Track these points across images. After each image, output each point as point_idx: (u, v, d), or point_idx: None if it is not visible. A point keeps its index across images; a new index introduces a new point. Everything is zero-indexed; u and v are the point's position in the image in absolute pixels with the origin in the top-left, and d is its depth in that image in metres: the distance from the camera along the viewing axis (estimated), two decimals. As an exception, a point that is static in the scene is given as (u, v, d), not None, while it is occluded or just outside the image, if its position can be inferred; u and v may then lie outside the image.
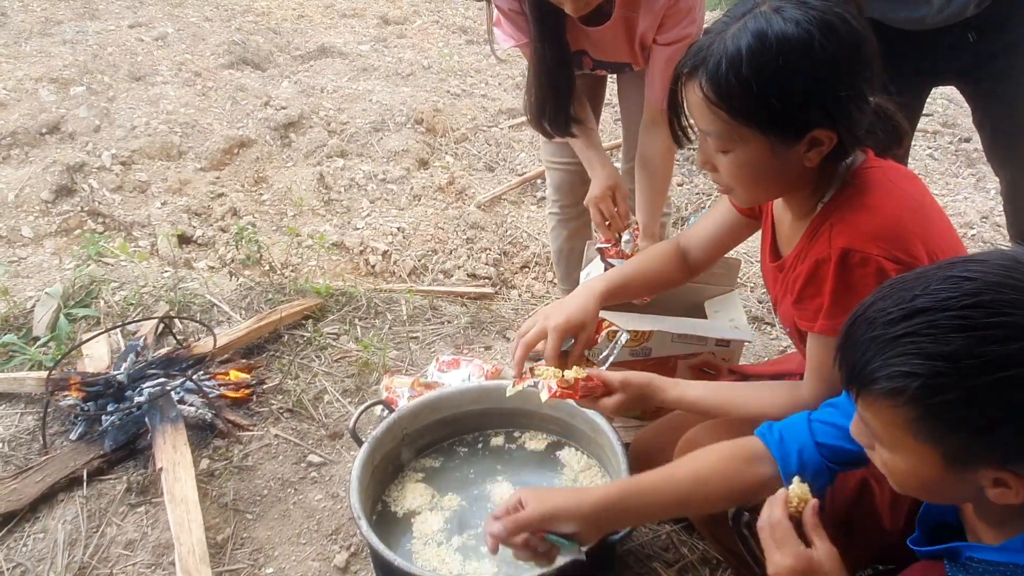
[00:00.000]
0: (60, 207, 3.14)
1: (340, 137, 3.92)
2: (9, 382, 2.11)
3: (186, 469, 1.79)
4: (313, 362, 2.28)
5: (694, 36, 1.74)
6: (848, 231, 1.11)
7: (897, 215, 1.12)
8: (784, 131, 1.09)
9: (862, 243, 1.09)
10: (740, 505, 1.20)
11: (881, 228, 1.10)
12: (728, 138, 1.11)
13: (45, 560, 1.66)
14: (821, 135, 1.09)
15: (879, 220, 1.11)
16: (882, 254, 1.08)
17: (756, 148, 1.11)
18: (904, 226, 1.11)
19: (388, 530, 1.60)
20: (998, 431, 0.76)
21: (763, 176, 1.16)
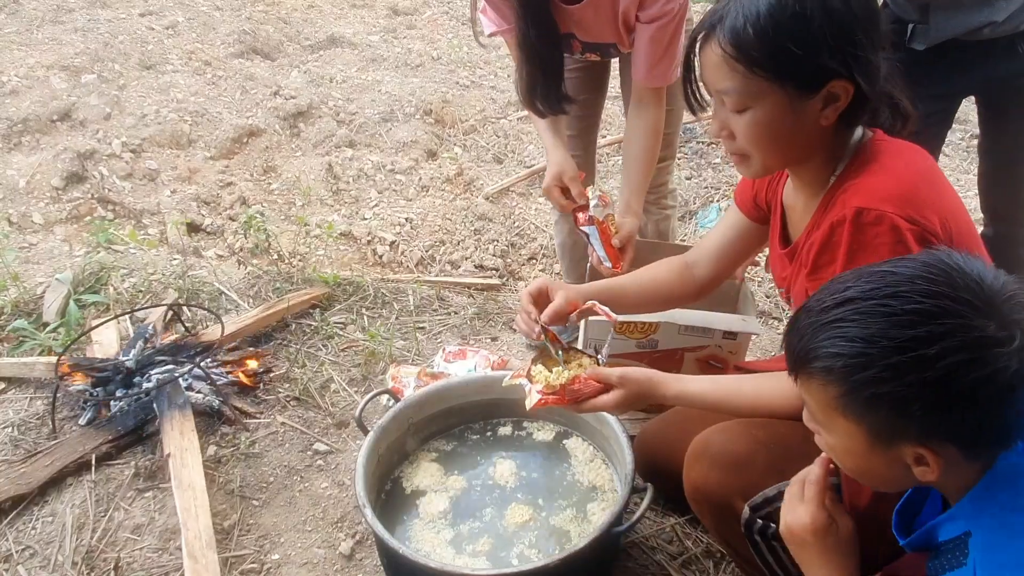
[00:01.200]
0: (71, 194, 3.16)
1: (349, 127, 3.93)
2: (19, 367, 2.13)
3: (193, 455, 1.80)
4: (320, 351, 2.28)
5: (676, 12, 1.72)
6: (862, 192, 1.09)
7: (912, 181, 1.10)
8: (801, 81, 1.08)
9: (877, 202, 1.06)
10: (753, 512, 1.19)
11: (896, 189, 1.08)
12: (746, 94, 1.10)
13: (53, 543, 1.68)
14: (838, 87, 1.08)
15: (893, 182, 1.09)
16: (897, 212, 1.05)
17: (774, 103, 1.10)
18: (919, 191, 1.09)
19: (395, 508, 1.63)
20: (912, 407, 0.82)
21: (780, 135, 1.14)
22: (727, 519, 1.24)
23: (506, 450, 1.77)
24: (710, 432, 1.31)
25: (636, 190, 1.91)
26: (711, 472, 1.25)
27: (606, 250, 1.78)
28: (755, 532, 1.21)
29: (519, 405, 1.82)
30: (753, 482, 1.21)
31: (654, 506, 1.78)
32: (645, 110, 1.87)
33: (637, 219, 1.89)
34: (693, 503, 1.31)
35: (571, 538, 1.55)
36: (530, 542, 1.55)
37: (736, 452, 1.24)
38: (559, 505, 1.63)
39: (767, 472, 1.20)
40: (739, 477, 1.22)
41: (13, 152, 3.36)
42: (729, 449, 1.25)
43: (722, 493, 1.23)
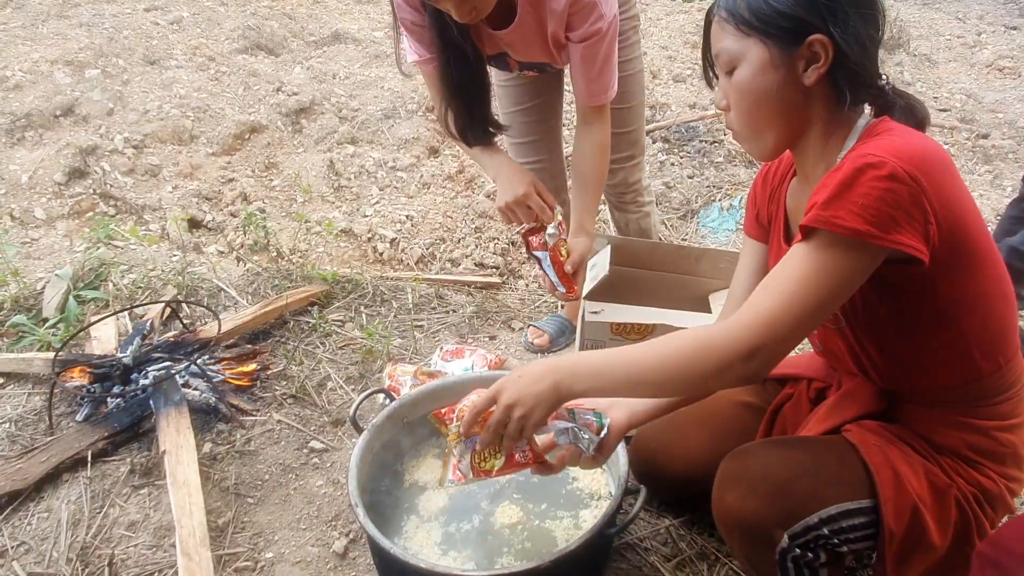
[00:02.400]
0: (72, 189, 3.17)
1: (351, 124, 3.92)
2: (17, 362, 2.13)
3: (189, 452, 1.80)
4: (318, 349, 2.28)
5: (605, 30, 1.70)
6: (871, 145, 1.05)
7: (926, 153, 1.05)
8: (782, 36, 1.09)
9: (884, 152, 1.01)
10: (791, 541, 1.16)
11: (907, 149, 1.03)
12: (735, 52, 1.13)
13: (48, 539, 1.68)
14: (818, 44, 1.08)
15: (903, 144, 1.04)
16: (902, 165, 1.00)
17: (758, 59, 1.11)
18: (930, 164, 1.03)
19: (395, 502, 1.63)
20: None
21: (765, 96, 1.12)
22: (760, 546, 1.19)
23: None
24: (746, 453, 1.24)
25: (587, 209, 1.89)
26: (748, 499, 1.17)
27: (559, 276, 1.77)
28: (789, 560, 1.17)
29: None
30: (794, 511, 1.15)
31: (648, 508, 1.78)
32: (590, 129, 1.85)
33: (589, 239, 1.87)
34: (723, 526, 1.25)
35: (559, 543, 1.54)
36: (520, 544, 1.55)
37: (777, 477, 1.17)
38: (551, 509, 1.63)
39: (808, 499, 1.15)
40: (780, 505, 1.16)
41: (16, 147, 3.37)
42: (769, 473, 1.18)
43: (760, 521, 1.16)
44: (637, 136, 2.19)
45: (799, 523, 1.15)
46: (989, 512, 1.22)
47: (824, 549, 1.18)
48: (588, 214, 1.89)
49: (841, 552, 1.19)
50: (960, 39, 5.55)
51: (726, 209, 3.31)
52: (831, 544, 1.17)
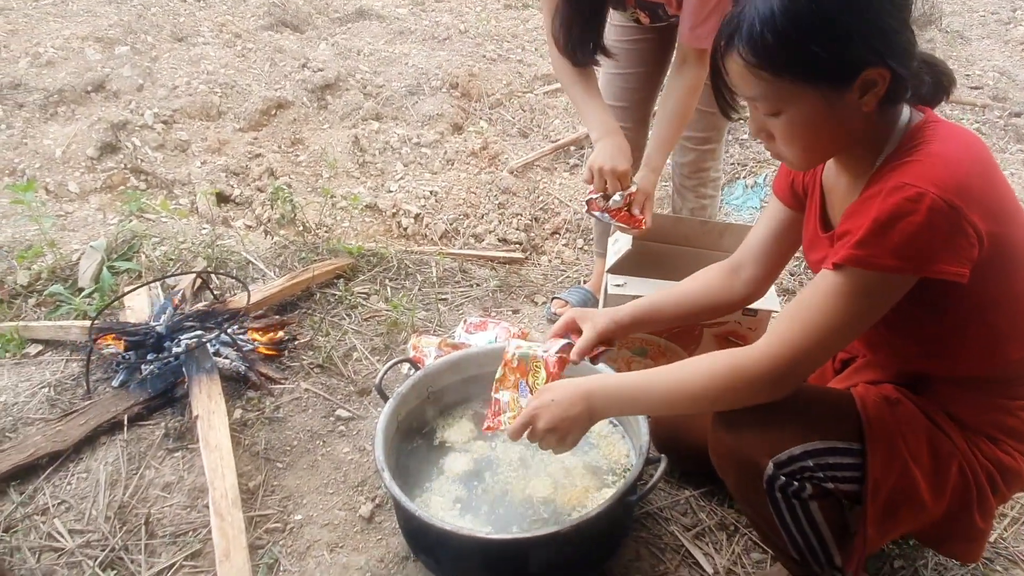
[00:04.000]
0: (105, 164, 3.23)
1: (376, 100, 3.94)
2: (55, 330, 2.20)
3: (220, 418, 1.85)
4: (344, 320, 2.33)
5: None
6: (909, 171, 1.03)
7: (964, 170, 1.03)
8: (833, 77, 1.03)
9: (921, 181, 1.00)
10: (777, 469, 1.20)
11: (944, 173, 1.01)
12: (777, 99, 1.07)
13: (88, 498, 1.75)
14: (873, 75, 1.03)
15: (942, 165, 1.02)
16: (940, 194, 0.98)
17: (809, 103, 1.06)
18: (969, 179, 1.02)
19: (421, 461, 1.69)
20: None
21: (822, 131, 1.10)
22: (749, 477, 1.23)
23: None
24: None
25: (660, 146, 1.88)
26: (738, 431, 1.23)
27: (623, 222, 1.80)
28: (776, 489, 1.21)
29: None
30: (780, 441, 1.19)
31: (669, 479, 1.80)
32: (687, 69, 1.83)
33: (656, 175, 1.87)
34: (716, 458, 1.29)
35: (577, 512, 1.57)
36: (537, 510, 1.58)
37: (766, 412, 1.21)
38: (571, 479, 1.66)
39: (794, 432, 1.20)
40: (766, 435, 1.20)
41: (49, 122, 3.43)
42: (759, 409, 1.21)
43: (747, 450, 1.21)
44: (718, 122, 2.17)
45: (784, 452, 1.18)
46: (1001, 486, 1.22)
47: (810, 482, 1.20)
48: (660, 152, 1.88)
49: (828, 488, 1.21)
50: (994, 15, 5.41)
51: (750, 187, 3.29)
52: (816, 478, 1.19)
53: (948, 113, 3.99)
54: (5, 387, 2.04)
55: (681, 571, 1.60)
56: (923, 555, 1.60)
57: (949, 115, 3.97)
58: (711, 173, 2.30)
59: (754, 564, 1.61)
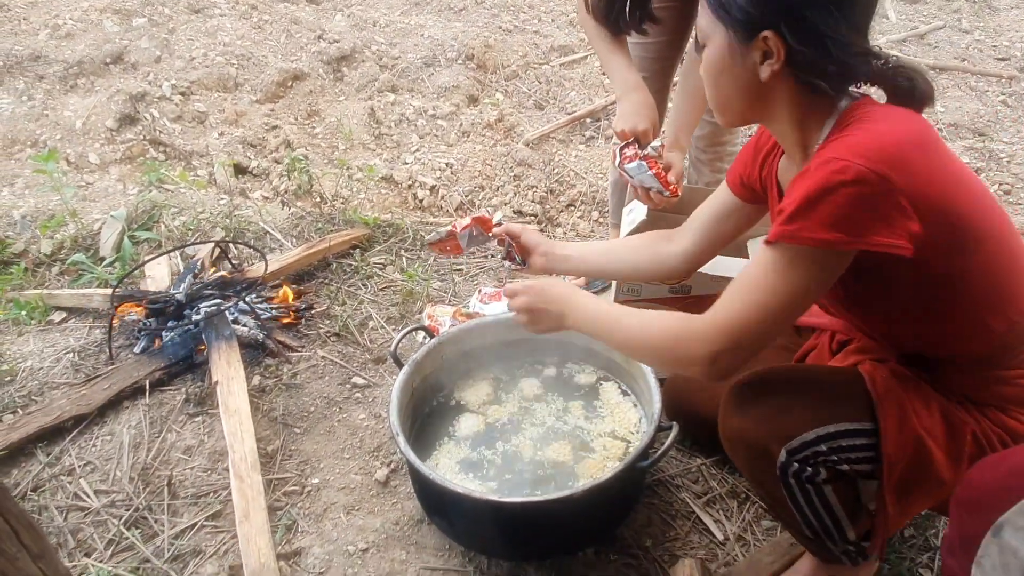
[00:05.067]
0: (124, 135, 3.26)
1: (391, 72, 3.93)
2: (78, 298, 2.25)
3: (239, 384, 1.89)
4: (359, 290, 2.35)
5: None
6: (838, 146, 1.04)
7: (896, 140, 1.03)
8: (738, 25, 1.09)
9: (848, 154, 1.01)
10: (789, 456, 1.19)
11: (873, 145, 1.01)
12: (705, 31, 1.15)
13: (112, 460, 1.80)
14: (771, 43, 1.07)
15: (870, 139, 1.03)
16: (866, 165, 0.98)
17: (718, 43, 1.13)
18: (901, 151, 1.02)
19: (436, 422, 1.73)
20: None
21: (721, 79, 1.16)
22: (762, 463, 1.23)
23: (546, 388, 1.83)
24: (750, 377, 1.27)
25: (685, 125, 1.86)
26: (749, 416, 1.22)
27: (660, 181, 1.74)
28: (790, 476, 1.21)
29: (551, 346, 1.87)
30: (792, 427, 1.19)
31: (680, 447, 1.82)
32: None
33: (683, 154, 1.86)
34: (727, 444, 1.29)
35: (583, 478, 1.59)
36: (548, 474, 1.61)
37: (777, 396, 1.21)
38: (582, 447, 1.68)
39: (805, 417, 1.19)
40: (778, 421, 1.19)
41: (69, 94, 3.47)
42: (770, 393, 1.22)
43: (759, 437, 1.21)
44: None
45: (796, 439, 1.18)
46: None
47: (824, 466, 1.20)
48: (685, 130, 1.87)
49: (842, 470, 1.21)
50: (1026, -16, 5.27)
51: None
52: (830, 462, 1.19)
53: (973, 85, 3.91)
54: (31, 352, 2.09)
55: (692, 537, 1.62)
56: (933, 524, 1.61)
57: (974, 87, 3.90)
58: (728, 147, 2.27)
59: (764, 531, 1.63)
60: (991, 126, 3.49)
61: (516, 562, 1.55)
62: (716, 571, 1.53)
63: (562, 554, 1.56)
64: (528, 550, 1.55)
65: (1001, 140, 3.38)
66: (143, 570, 1.57)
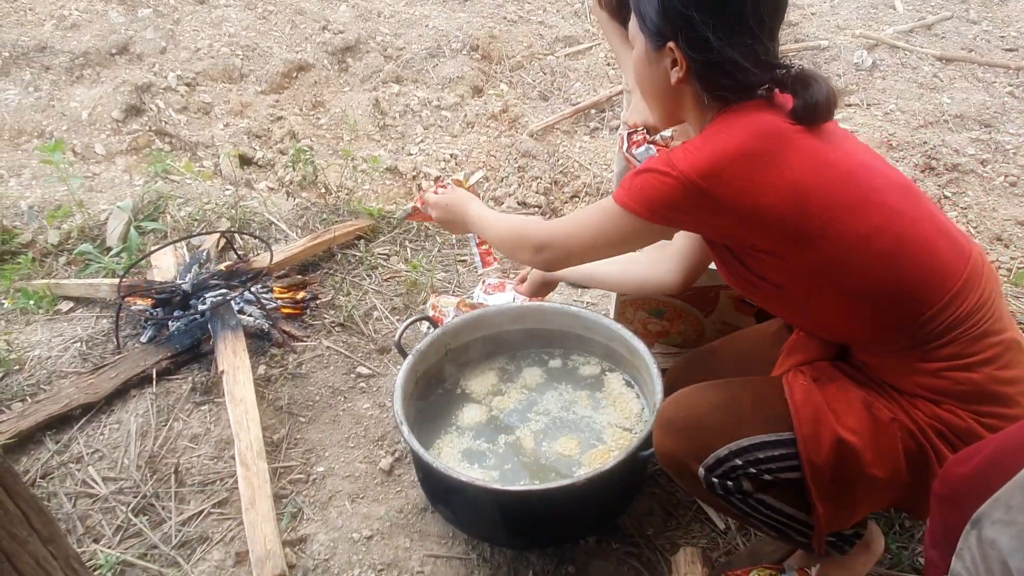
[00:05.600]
0: (130, 126, 3.27)
1: (396, 63, 3.93)
2: (85, 287, 2.27)
3: (245, 373, 1.91)
4: (364, 280, 2.36)
5: None
6: (677, 151, 1.17)
7: (720, 154, 1.12)
8: (650, 34, 1.21)
9: (678, 159, 1.14)
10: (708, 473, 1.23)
11: (700, 156, 1.13)
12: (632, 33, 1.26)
13: (120, 448, 1.82)
14: (676, 53, 1.18)
15: (700, 150, 1.14)
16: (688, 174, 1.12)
17: (640, 47, 1.24)
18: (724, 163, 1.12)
19: (439, 414, 1.74)
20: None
21: (643, 79, 1.28)
22: (689, 479, 1.28)
23: (550, 378, 1.84)
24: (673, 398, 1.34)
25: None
26: (668, 437, 1.28)
27: None
28: (717, 489, 1.24)
29: (554, 336, 1.88)
30: (704, 444, 1.23)
31: (683, 437, 1.83)
32: None
33: None
34: (660, 462, 1.35)
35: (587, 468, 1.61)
36: (547, 464, 1.62)
37: (688, 417, 1.27)
38: (580, 439, 1.69)
39: (717, 433, 1.23)
40: (691, 440, 1.25)
41: (76, 84, 3.48)
42: (683, 415, 1.28)
43: (679, 457, 1.26)
44: None
45: (710, 455, 1.22)
46: (959, 444, 1.20)
47: (746, 478, 1.22)
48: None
49: (767, 480, 1.23)
50: (1035, -27, 5.23)
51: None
52: (750, 474, 1.21)
53: (980, 76, 3.89)
54: (39, 341, 2.11)
55: (693, 526, 1.63)
56: (934, 514, 1.62)
57: (981, 78, 3.87)
58: None
59: (765, 520, 1.64)
60: (997, 117, 3.47)
61: (519, 550, 1.57)
62: (717, 560, 1.54)
63: (564, 542, 1.57)
64: (530, 538, 1.56)
65: (1007, 131, 3.36)
66: (151, 556, 1.59)
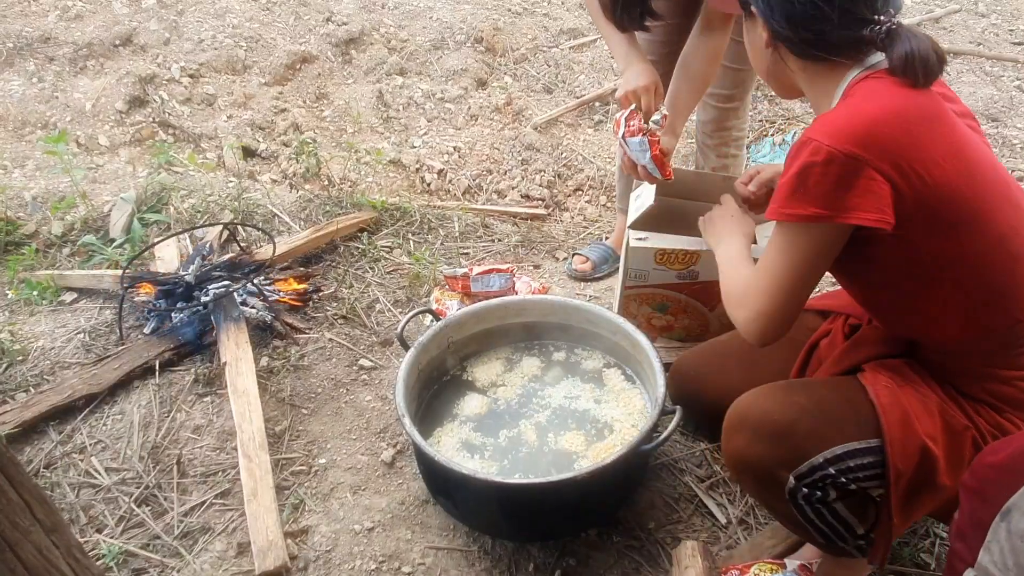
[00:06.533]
0: (133, 117, 3.27)
1: (400, 55, 3.92)
2: (89, 279, 2.27)
3: (247, 365, 1.91)
4: (367, 273, 2.36)
5: None
6: (817, 124, 1.11)
7: (870, 123, 1.07)
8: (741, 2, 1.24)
9: (821, 134, 1.08)
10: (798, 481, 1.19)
11: (847, 124, 1.07)
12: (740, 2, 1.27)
13: (123, 438, 1.82)
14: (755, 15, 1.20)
15: (846, 118, 1.09)
16: (835, 145, 1.05)
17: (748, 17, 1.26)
18: (876, 131, 1.07)
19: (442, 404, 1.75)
20: None
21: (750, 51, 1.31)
22: (770, 488, 1.22)
23: (552, 371, 1.84)
24: (748, 398, 1.27)
25: (681, 111, 1.88)
26: (753, 443, 1.21)
27: (655, 160, 1.75)
28: (800, 499, 1.20)
29: (555, 328, 1.89)
30: (798, 452, 1.17)
31: (684, 431, 1.83)
32: (710, 35, 1.82)
33: (675, 140, 1.86)
34: (733, 471, 1.29)
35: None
36: (548, 458, 1.63)
37: (778, 421, 1.20)
38: (581, 432, 1.69)
39: (811, 440, 1.17)
40: (783, 448, 1.18)
41: (79, 76, 3.47)
42: (771, 419, 1.20)
43: (765, 464, 1.20)
44: (745, 78, 2.13)
45: (804, 464, 1.17)
46: None
47: (833, 487, 1.19)
48: (680, 116, 1.89)
49: (851, 490, 1.20)
50: (1044, -34, 5.18)
51: (778, 144, 3.24)
52: (839, 483, 1.18)
53: (988, 70, 3.86)
54: (43, 332, 2.11)
55: (694, 520, 1.63)
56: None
57: (989, 71, 3.85)
58: (734, 132, 2.26)
59: (766, 515, 1.63)
60: (1005, 112, 3.45)
61: (520, 542, 1.57)
62: (718, 554, 1.54)
63: (565, 535, 1.57)
64: (532, 531, 1.57)
65: (1015, 126, 3.34)
66: (153, 546, 1.60)
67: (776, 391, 1.26)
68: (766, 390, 1.27)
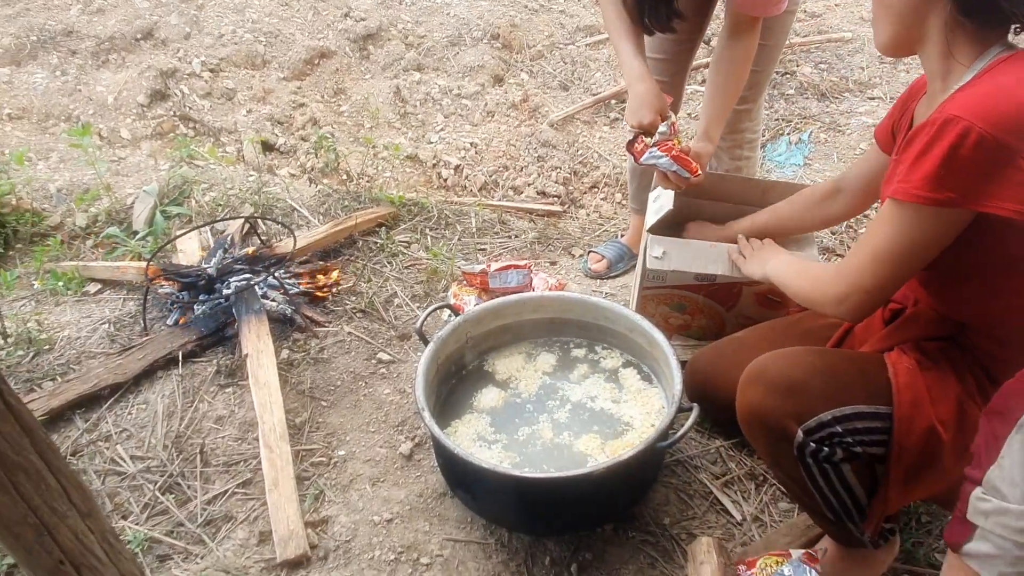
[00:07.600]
0: (155, 111, 3.31)
1: (417, 51, 3.94)
2: (113, 270, 2.31)
3: (268, 357, 1.94)
4: (385, 267, 2.39)
5: None
6: (963, 100, 1.05)
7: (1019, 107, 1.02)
8: None
9: (972, 115, 1.01)
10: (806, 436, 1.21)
11: (1001, 107, 1.01)
12: None
13: (147, 428, 1.86)
14: None
15: (997, 99, 1.02)
16: (988, 129, 1.00)
17: None
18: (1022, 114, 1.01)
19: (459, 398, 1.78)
20: None
21: None
22: (779, 442, 1.25)
23: (569, 368, 1.86)
24: (767, 357, 1.30)
25: (716, 117, 1.88)
26: (767, 396, 1.24)
27: (677, 161, 1.75)
28: (807, 455, 1.23)
29: (572, 325, 1.90)
30: (808, 406, 1.21)
31: (700, 429, 1.84)
32: (739, 39, 1.82)
33: (712, 146, 1.87)
34: (745, 425, 1.32)
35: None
36: (565, 453, 1.64)
37: (792, 377, 1.23)
38: (593, 432, 1.71)
39: (822, 397, 1.21)
40: (794, 401, 1.21)
41: (101, 69, 3.52)
42: (786, 374, 1.24)
43: (776, 416, 1.23)
44: (760, 79, 2.14)
45: (813, 418, 1.20)
46: None
47: (840, 447, 1.21)
48: (716, 122, 1.90)
49: (857, 452, 1.22)
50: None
51: (794, 143, 3.23)
52: (845, 443, 1.21)
53: None
54: (68, 322, 2.15)
55: (709, 517, 1.65)
56: (948, 512, 1.63)
57: None
58: (747, 135, 2.27)
59: (781, 513, 1.65)
60: None
61: (536, 536, 1.59)
62: (733, 550, 1.56)
63: (581, 529, 1.59)
64: (548, 525, 1.59)
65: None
66: (177, 533, 1.63)
67: (795, 353, 1.31)
68: (786, 351, 1.31)
